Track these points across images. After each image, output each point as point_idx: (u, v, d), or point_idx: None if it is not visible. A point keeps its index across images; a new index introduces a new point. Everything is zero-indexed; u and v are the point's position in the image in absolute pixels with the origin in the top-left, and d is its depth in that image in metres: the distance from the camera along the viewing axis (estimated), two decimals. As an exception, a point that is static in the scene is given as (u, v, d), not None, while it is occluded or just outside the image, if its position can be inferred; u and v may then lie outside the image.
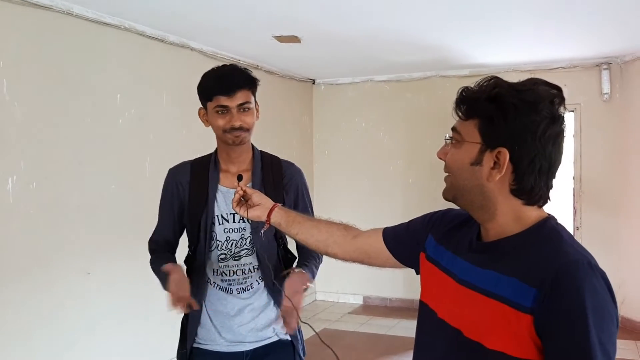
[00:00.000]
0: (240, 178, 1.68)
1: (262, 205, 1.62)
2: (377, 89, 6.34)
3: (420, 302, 1.31)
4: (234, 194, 1.64)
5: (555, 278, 1.01)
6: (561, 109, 1.10)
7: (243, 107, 1.88)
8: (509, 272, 1.08)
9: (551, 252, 1.06)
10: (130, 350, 3.83)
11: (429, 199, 5.84)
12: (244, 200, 1.63)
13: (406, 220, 1.47)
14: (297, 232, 1.57)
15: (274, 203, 1.63)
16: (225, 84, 1.86)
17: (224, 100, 1.85)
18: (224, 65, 1.97)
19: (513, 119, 1.07)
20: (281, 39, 4.44)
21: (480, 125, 1.11)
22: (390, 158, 6.30)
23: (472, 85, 1.15)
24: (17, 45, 3.17)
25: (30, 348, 3.20)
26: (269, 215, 1.59)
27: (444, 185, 1.21)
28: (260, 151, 2.04)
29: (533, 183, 1.10)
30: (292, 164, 2.07)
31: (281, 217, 1.59)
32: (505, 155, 1.08)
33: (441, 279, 1.24)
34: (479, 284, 1.13)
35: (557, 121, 1.09)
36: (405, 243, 1.41)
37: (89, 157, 3.59)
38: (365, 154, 6.39)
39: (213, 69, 1.95)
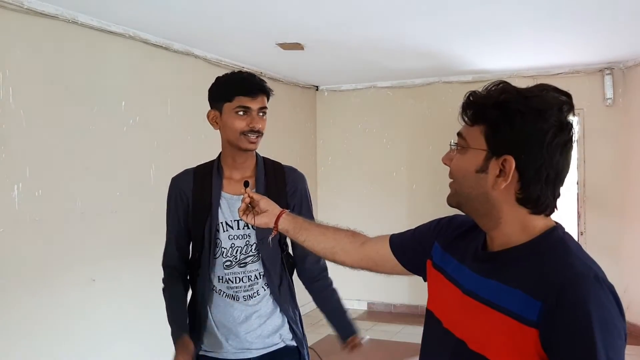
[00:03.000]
0: (247, 184, 1.68)
1: (269, 211, 1.59)
2: (380, 95, 6.35)
3: (427, 310, 1.29)
4: (241, 201, 1.62)
5: (560, 291, 0.98)
6: (570, 116, 1.07)
7: (262, 112, 1.90)
8: (513, 284, 1.05)
9: (556, 264, 1.03)
10: (135, 357, 3.83)
11: (432, 204, 5.82)
12: (250, 208, 1.61)
13: (410, 227, 1.45)
14: (304, 238, 1.55)
15: (281, 209, 1.61)
16: (249, 85, 1.88)
17: (247, 102, 1.86)
18: (240, 71, 1.99)
19: (519, 127, 1.04)
20: (284, 46, 4.46)
21: (486, 131, 1.08)
22: (394, 164, 6.31)
23: (480, 90, 1.11)
24: (23, 53, 3.19)
25: (35, 354, 3.21)
26: (276, 222, 1.57)
27: (447, 190, 1.19)
28: (263, 157, 2.05)
29: (539, 192, 1.06)
30: (294, 170, 2.07)
31: (289, 223, 1.57)
32: (511, 163, 1.05)
33: (447, 288, 1.22)
34: (483, 295, 1.10)
35: (565, 129, 1.06)
36: (411, 250, 1.39)
37: (94, 164, 3.61)
38: (369, 160, 6.40)
39: (230, 73, 1.96)
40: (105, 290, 3.64)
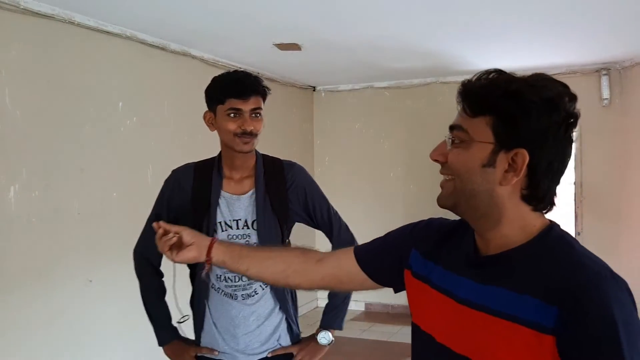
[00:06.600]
0: (158, 219, 1.60)
1: (196, 243, 1.35)
2: (378, 95, 6.35)
3: (413, 324, 1.18)
4: (159, 239, 1.34)
5: (578, 294, 0.91)
6: (574, 107, 1.00)
7: (255, 113, 1.88)
8: (519, 289, 0.97)
9: (567, 265, 0.96)
10: (132, 357, 3.82)
11: (430, 204, 5.80)
12: (171, 241, 1.34)
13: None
14: (247, 267, 1.34)
15: (211, 238, 1.37)
16: (240, 87, 1.86)
17: (238, 104, 1.84)
18: (236, 71, 1.98)
19: (536, 119, 0.96)
20: (281, 46, 4.45)
21: (494, 123, 0.99)
22: (391, 164, 6.31)
23: (473, 79, 1.02)
24: (19, 53, 3.18)
25: (31, 355, 3.20)
26: (208, 254, 1.33)
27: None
28: (262, 155, 2.03)
29: (547, 188, 1.00)
30: (293, 165, 2.06)
31: (224, 253, 1.34)
32: (524, 157, 0.97)
33: (435, 298, 1.12)
34: (485, 304, 1.01)
35: (575, 121, 1.00)
36: (383, 261, 1.27)
37: (91, 165, 3.60)
38: (366, 161, 6.40)
39: (225, 74, 1.94)
40: (101, 291, 3.63)
